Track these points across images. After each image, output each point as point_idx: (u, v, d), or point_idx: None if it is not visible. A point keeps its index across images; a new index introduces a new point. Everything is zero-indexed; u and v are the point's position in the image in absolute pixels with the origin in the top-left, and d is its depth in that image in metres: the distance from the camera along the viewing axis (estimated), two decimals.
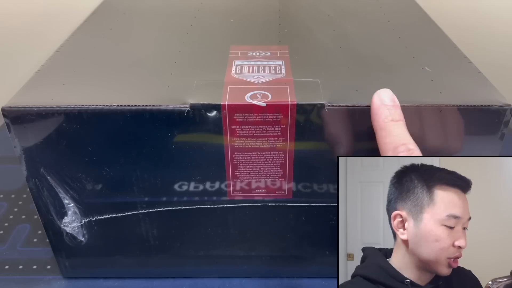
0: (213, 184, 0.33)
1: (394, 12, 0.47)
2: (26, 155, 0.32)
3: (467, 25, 0.64)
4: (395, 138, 0.28)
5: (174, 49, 0.38)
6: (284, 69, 0.34)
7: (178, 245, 0.37)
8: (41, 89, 0.32)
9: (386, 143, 0.28)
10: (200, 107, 0.30)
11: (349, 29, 0.42)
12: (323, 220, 0.35)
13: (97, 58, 0.37)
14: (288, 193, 0.34)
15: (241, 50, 0.37)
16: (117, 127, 0.30)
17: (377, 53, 0.37)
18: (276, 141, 0.31)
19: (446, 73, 0.34)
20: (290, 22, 0.44)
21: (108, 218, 0.35)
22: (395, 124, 0.29)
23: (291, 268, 0.39)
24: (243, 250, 0.38)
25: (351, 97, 0.31)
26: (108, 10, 0.47)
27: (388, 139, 0.28)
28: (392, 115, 0.29)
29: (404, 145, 0.28)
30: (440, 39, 0.40)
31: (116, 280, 0.39)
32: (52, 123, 0.30)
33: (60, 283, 0.39)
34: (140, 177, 0.33)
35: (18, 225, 0.45)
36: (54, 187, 0.33)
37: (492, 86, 0.33)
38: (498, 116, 0.31)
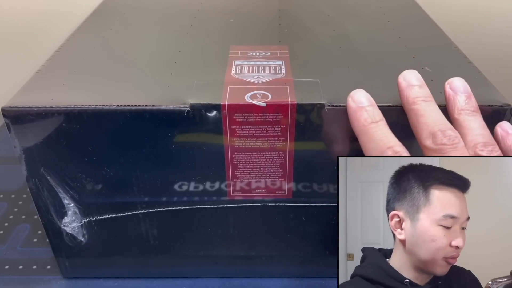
0: (213, 184, 0.33)
1: (394, 12, 0.47)
2: (26, 155, 0.32)
3: (467, 25, 0.64)
4: (379, 143, 0.27)
5: (174, 49, 0.38)
6: (284, 69, 0.34)
7: (178, 245, 0.37)
8: (41, 89, 0.32)
9: (370, 149, 0.27)
10: (200, 107, 0.30)
11: (349, 29, 0.42)
12: (323, 220, 0.35)
13: (97, 58, 0.37)
14: (288, 193, 0.34)
15: (241, 50, 0.37)
16: (117, 127, 0.30)
17: (377, 53, 0.37)
18: (276, 141, 0.31)
19: (446, 73, 0.34)
20: (290, 22, 0.44)
21: (108, 218, 0.35)
22: (376, 126, 0.28)
23: (291, 268, 0.39)
24: (243, 250, 0.38)
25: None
26: (108, 10, 0.47)
27: (372, 144, 0.27)
28: (371, 116, 0.28)
29: (390, 148, 0.27)
30: (440, 39, 0.40)
31: (116, 280, 0.39)
32: (52, 123, 0.30)
33: (60, 283, 0.39)
34: (140, 177, 0.33)
35: (18, 225, 0.45)
36: (54, 187, 0.33)
37: (492, 86, 0.33)
38: (498, 116, 0.30)
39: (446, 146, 0.26)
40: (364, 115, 0.28)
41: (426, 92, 0.28)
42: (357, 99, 0.29)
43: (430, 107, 0.28)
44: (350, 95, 0.29)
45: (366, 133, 0.28)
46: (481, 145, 0.27)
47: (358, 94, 0.29)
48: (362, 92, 0.29)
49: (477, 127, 0.28)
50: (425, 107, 0.28)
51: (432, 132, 0.27)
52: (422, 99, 0.28)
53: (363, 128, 0.28)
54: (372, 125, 0.28)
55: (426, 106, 0.28)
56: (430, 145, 0.26)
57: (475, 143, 0.27)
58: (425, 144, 0.27)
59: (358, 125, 0.28)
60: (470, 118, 0.28)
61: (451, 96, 0.29)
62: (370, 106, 0.28)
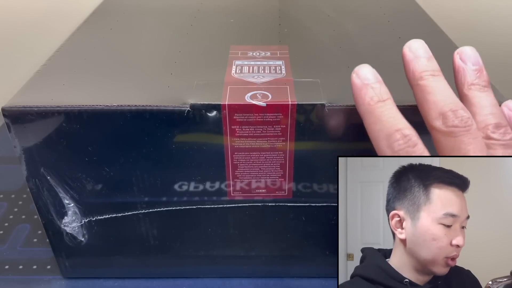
0: (213, 184, 0.33)
1: (394, 12, 0.47)
2: (26, 155, 0.32)
3: (467, 25, 0.64)
4: (386, 124, 0.24)
5: (174, 49, 0.38)
6: (284, 69, 0.34)
7: (178, 245, 0.37)
8: (41, 89, 0.32)
9: (377, 130, 0.25)
10: (200, 107, 0.30)
11: (349, 29, 0.42)
12: (323, 220, 0.35)
13: (97, 58, 0.37)
14: (288, 193, 0.34)
15: (241, 50, 0.37)
16: (117, 127, 0.30)
17: (377, 53, 0.37)
18: (276, 141, 0.31)
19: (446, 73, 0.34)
20: (290, 22, 0.45)
21: (108, 218, 0.35)
22: (384, 105, 0.25)
23: (291, 268, 0.39)
24: (243, 250, 0.38)
25: (351, 97, 0.30)
26: (108, 10, 0.47)
27: (379, 125, 0.25)
28: (378, 94, 0.25)
29: (399, 131, 0.24)
30: (440, 39, 0.40)
31: (116, 280, 0.39)
32: (52, 123, 0.30)
33: (60, 283, 0.39)
34: (140, 177, 0.33)
35: (18, 225, 0.45)
36: (54, 187, 0.33)
37: (492, 86, 0.32)
38: None
39: (458, 128, 0.24)
40: (370, 93, 0.25)
41: (435, 65, 0.26)
42: (363, 75, 0.26)
43: (439, 83, 0.25)
44: (354, 70, 0.26)
45: (372, 113, 0.25)
46: (493, 126, 0.24)
47: (363, 70, 0.26)
48: (368, 68, 0.26)
49: (488, 105, 0.25)
50: (433, 83, 0.25)
51: (442, 112, 0.24)
52: (431, 74, 0.25)
53: (369, 107, 0.25)
54: (379, 104, 0.25)
55: (435, 82, 0.25)
56: (440, 126, 0.24)
57: (486, 124, 0.25)
58: (434, 126, 0.24)
59: (363, 103, 0.25)
60: (481, 94, 0.25)
61: (461, 67, 0.26)
62: (377, 83, 0.26)
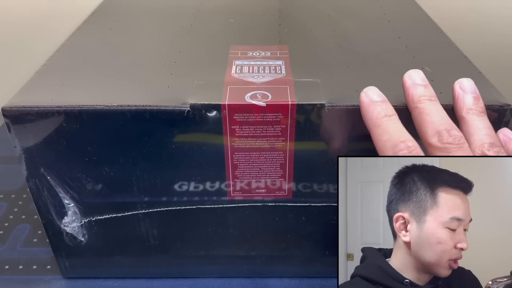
0: (213, 184, 0.33)
1: (394, 12, 0.47)
2: (26, 155, 0.32)
3: (467, 25, 0.64)
4: (392, 136, 0.27)
5: (174, 49, 0.38)
6: (284, 69, 0.34)
7: (178, 245, 0.37)
8: (41, 89, 0.32)
9: (384, 141, 0.27)
10: (200, 107, 0.30)
11: (349, 29, 0.42)
12: (323, 220, 0.35)
13: (97, 58, 0.37)
14: (288, 193, 0.34)
15: (241, 50, 0.37)
16: (117, 127, 0.30)
17: (377, 53, 0.37)
18: (276, 141, 0.31)
19: (446, 73, 0.34)
20: (290, 22, 0.44)
21: (108, 218, 0.35)
22: (390, 119, 0.28)
23: (291, 268, 0.39)
24: (243, 250, 0.38)
25: (351, 97, 0.31)
26: (108, 10, 0.47)
27: (385, 136, 0.27)
28: (384, 110, 0.28)
29: (403, 142, 0.27)
30: (440, 39, 0.40)
31: (116, 280, 0.39)
32: (52, 123, 0.30)
33: (60, 283, 0.39)
34: (140, 177, 0.33)
35: (18, 225, 0.45)
36: (54, 187, 0.33)
37: (492, 86, 0.33)
38: (498, 116, 0.31)
39: (452, 145, 0.26)
40: (377, 109, 0.28)
41: (431, 92, 0.29)
42: (371, 95, 0.29)
43: (435, 106, 0.28)
44: (363, 91, 0.29)
45: (380, 126, 0.28)
46: (488, 145, 0.27)
47: (372, 90, 0.29)
48: (376, 89, 0.29)
49: (485, 127, 0.28)
50: (430, 106, 0.28)
51: (438, 131, 0.27)
52: (428, 98, 0.28)
53: (377, 121, 0.28)
54: (385, 118, 0.28)
55: (431, 105, 0.28)
56: (436, 143, 0.27)
57: (482, 143, 0.27)
58: (430, 142, 0.27)
59: (371, 118, 0.28)
60: (477, 118, 0.28)
61: (460, 95, 0.29)
62: (383, 102, 0.29)
